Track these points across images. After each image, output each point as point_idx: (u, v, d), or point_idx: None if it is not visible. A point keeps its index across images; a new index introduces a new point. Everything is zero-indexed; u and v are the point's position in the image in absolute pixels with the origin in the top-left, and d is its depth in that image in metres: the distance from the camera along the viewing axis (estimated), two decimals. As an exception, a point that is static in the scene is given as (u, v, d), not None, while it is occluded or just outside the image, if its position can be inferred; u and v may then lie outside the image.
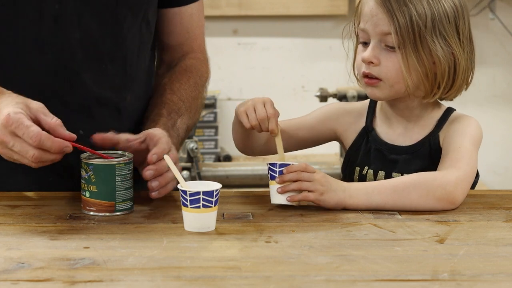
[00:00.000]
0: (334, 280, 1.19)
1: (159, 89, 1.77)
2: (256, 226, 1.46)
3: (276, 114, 1.62)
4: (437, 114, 1.68)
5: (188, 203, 1.41)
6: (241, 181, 3.39)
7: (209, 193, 1.41)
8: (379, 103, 1.73)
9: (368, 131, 1.72)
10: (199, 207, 1.41)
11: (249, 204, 1.60)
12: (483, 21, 3.64)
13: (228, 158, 3.53)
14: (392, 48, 1.59)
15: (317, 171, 1.57)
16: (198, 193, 1.41)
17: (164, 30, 1.81)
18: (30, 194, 1.64)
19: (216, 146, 3.53)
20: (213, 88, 3.41)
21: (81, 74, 1.65)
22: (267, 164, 1.58)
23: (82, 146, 1.48)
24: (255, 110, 1.61)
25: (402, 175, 1.63)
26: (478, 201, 1.63)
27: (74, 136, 1.45)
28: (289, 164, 1.56)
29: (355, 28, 1.69)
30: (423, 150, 1.66)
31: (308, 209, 1.56)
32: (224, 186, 1.51)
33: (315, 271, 1.23)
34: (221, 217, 1.51)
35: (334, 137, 1.78)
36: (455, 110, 1.70)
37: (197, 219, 1.42)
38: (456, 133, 1.64)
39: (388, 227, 1.45)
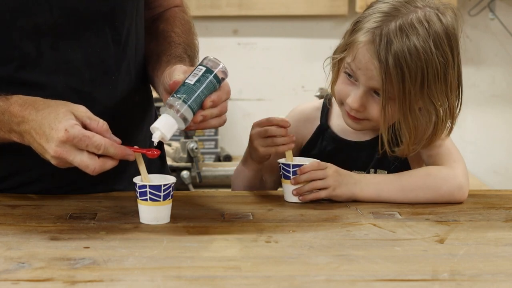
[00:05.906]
0: (334, 280, 1.19)
1: (162, 34, 1.71)
2: (256, 226, 1.46)
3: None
4: None
5: (138, 195, 1.46)
6: (241, 181, 3.38)
7: (156, 187, 1.44)
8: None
9: (323, 130, 1.74)
10: (146, 199, 1.45)
11: (249, 204, 1.60)
12: (483, 21, 3.64)
13: (228, 158, 3.53)
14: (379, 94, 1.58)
15: (329, 165, 1.59)
16: (145, 186, 1.44)
17: None
18: (30, 194, 1.64)
19: (216, 146, 3.53)
20: (213, 88, 3.40)
21: (93, 93, 1.59)
22: (280, 163, 1.59)
23: (140, 150, 1.46)
24: (265, 135, 1.62)
25: (365, 171, 1.68)
26: (478, 201, 1.64)
27: (119, 140, 1.43)
28: (302, 165, 1.58)
29: (339, 53, 1.66)
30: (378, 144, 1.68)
31: (308, 209, 1.56)
32: (224, 186, 1.51)
33: (315, 271, 1.23)
34: (221, 217, 1.51)
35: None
36: None
37: (146, 210, 1.46)
38: None
39: (388, 227, 1.45)
